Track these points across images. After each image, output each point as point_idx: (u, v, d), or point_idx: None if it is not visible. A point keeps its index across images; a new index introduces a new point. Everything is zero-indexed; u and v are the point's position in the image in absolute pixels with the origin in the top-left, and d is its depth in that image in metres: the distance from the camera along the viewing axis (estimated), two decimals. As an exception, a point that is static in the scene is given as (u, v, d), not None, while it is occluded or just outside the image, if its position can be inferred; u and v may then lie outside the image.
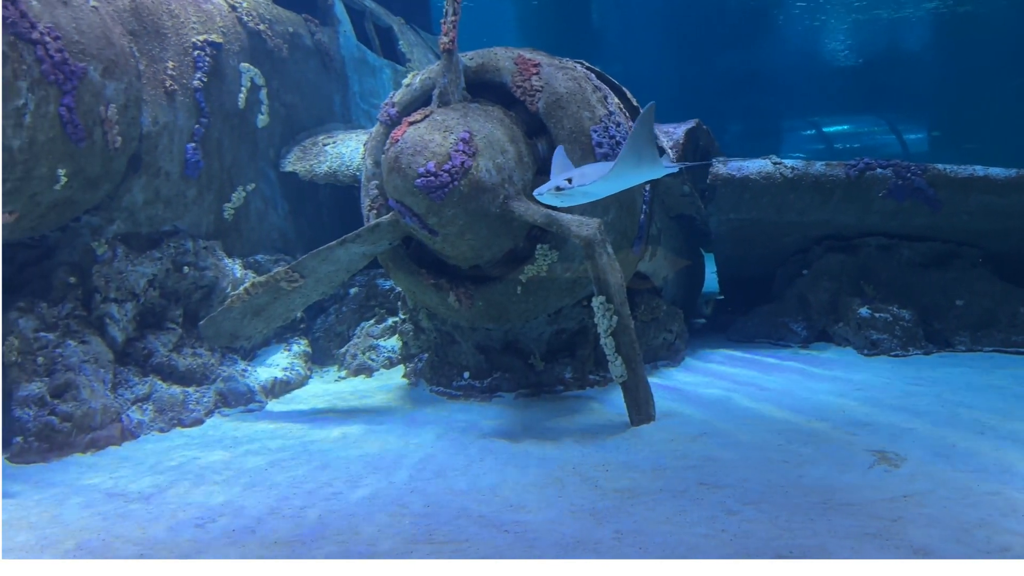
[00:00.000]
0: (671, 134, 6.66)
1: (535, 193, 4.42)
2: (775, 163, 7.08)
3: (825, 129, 34.01)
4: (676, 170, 5.06)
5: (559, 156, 4.76)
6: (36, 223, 5.21)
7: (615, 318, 5.18)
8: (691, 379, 6.42)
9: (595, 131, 5.44)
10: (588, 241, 5.12)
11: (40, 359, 5.13)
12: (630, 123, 5.97)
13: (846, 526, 3.56)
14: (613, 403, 5.67)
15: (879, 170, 6.95)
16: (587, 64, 6.10)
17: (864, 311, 7.18)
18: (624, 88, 6.18)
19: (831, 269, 7.49)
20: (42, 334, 5.20)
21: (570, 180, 4.27)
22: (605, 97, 5.75)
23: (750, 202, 7.10)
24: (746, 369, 6.70)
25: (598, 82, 5.89)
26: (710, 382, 6.31)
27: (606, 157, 5.46)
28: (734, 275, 8.45)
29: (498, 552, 3.44)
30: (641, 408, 5.20)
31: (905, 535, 3.42)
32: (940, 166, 6.90)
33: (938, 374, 6.34)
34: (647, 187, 6.08)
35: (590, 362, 6.27)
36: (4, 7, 4.60)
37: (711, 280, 9.05)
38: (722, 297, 9.02)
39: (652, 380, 5.46)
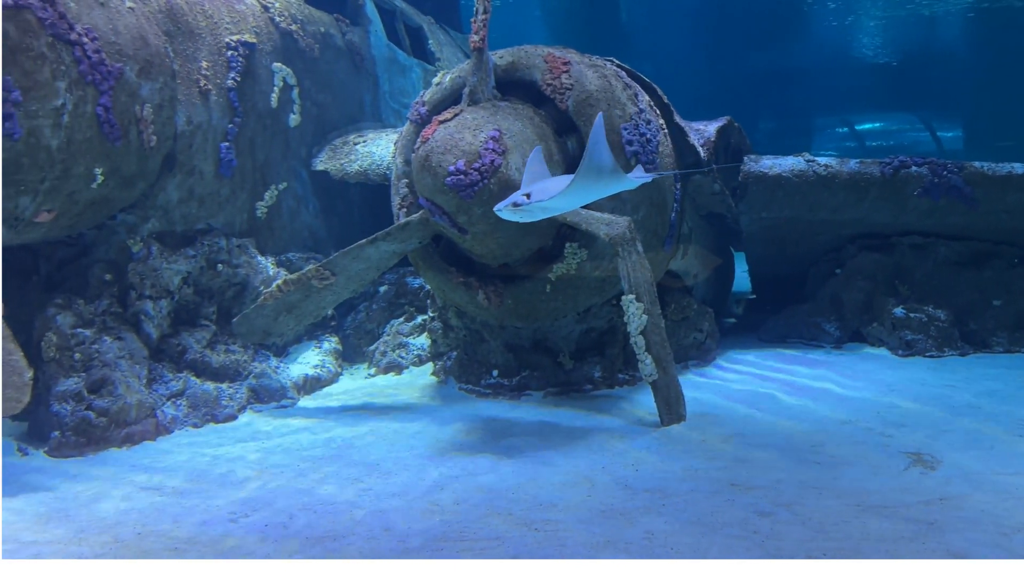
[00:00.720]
0: (702, 132, 6.61)
1: (495, 209, 4.39)
2: (808, 161, 6.99)
3: (857, 127, 33.62)
4: (650, 179, 5.00)
5: (533, 162, 4.72)
6: (74, 221, 5.30)
7: (645, 317, 5.15)
8: (722, 379, 6.37)
9: (625, 129, 5.42)
10: (617, 240, 5.10)
11: (77, 355, 5.22)
12: (661, 120, 5.94)
13: (881, 529, 3.52)
14: (643, 403, 5.65)
15: (914, 168, 6.84)
16: (617, 62, 6.07)
17: (899, 311, 7.07)
18: (655, 85, 6.15)
19: (865, 268, 7.38)
20: (79, 330, 5.29)
21: (528, 196, 4.23)
22: (635, 95, 5.72)
23: (783, 200, 7.02)
24: (778, 369, 6.63)
25: (628, 80, 5.86)
26: (742, 382, 6.25)
27: (636, 155, 5.45)
28: (765, 274, 8.37)
29: (529, 551, 3.44)
30: (672, 408, 5.17)
31: (942, 539, 3.37)
32: (977, 164, 6.78)
33: (974, 375, 6.23)
34: (678, 185, 6.04)
35: (619, 361, 6.25)
36: (43, 8, 4.67)
37: (740, 279, 8.97)
38: (754, 296, 8.94)
39: (682, 380, 5.42)
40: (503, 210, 4.30)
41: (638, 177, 4.88)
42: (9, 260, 5.66)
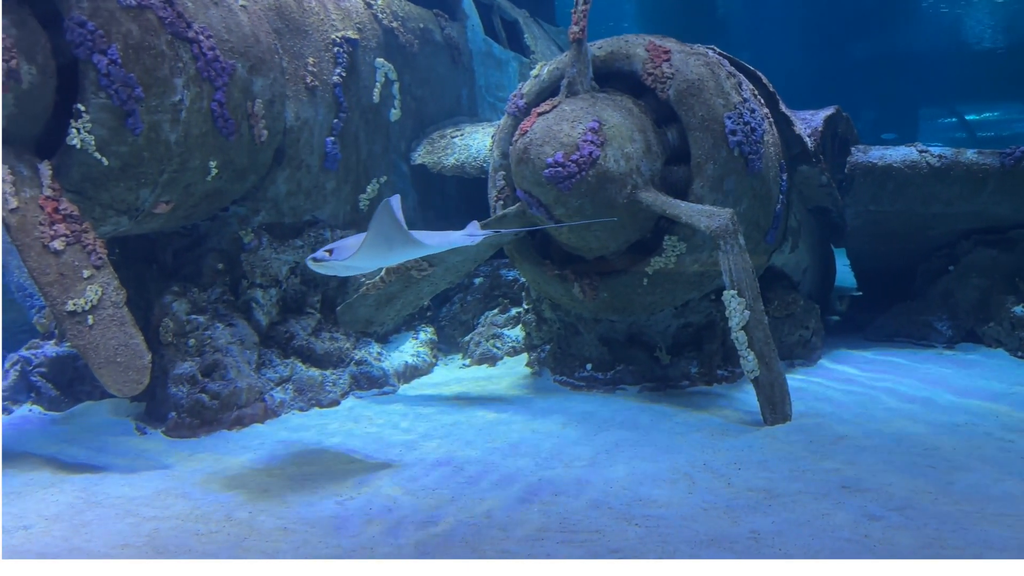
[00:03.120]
0: (808, 121, 6.40)
1: (305, 260, 4.40)
2: (921, 151, 6.69)
3: (967, 116, 31.97)
4: (478, 239, 4.81)
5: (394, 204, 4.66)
6: (189, 212, 5.55)
7: (747, 313, 5.03)
8: (829, 379, 6.14)
9: (729, 118, 5.29)
10: (719, 232, 4.99)
11: (192, 340, 5.47)
12: (766, 109, 5.77)
13: (1003, 538, 3.34)
14: (743, 401, 5.52)
15: (1038, 158, 6.45)
16: (719, 50, 5.93)
17: (1018, 310, 6.69)
18: (759, 73, 5.98)
19: (981, 265, 7.01)
20: (194, 316, 5.54)
21: (330, 252, 4.28)
22: (739, 83, 5.58)
23: (893, 193, 6.73)
24: (888, 369, 6.37)
25: (731, 68, 5.72)
26: (850, 382, 6.03)
27: (739, 145, 5.32)
28: (871, 270, 8.05)
29: (630, 545, 3.41)
30: (776, 407, 5.03)
31: (1075, 551, 3.17)
32: (1110, 154, 6.33)
33: (1105, 380, 5.84)
34: (784, 176, 5.86)
35: (718, 357, 6.12)
36: (163, 7, 4.89)
37: (840, 274, 8.66)
38: (859, 293, 8.61)
39: (787, 379, 5.24)
40: (309, 261, 4.36)
41: (473, 235, 4.74)
42: (130, 248, 5.99)
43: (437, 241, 4.68)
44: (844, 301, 8.83)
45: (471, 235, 4.77)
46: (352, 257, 4.20)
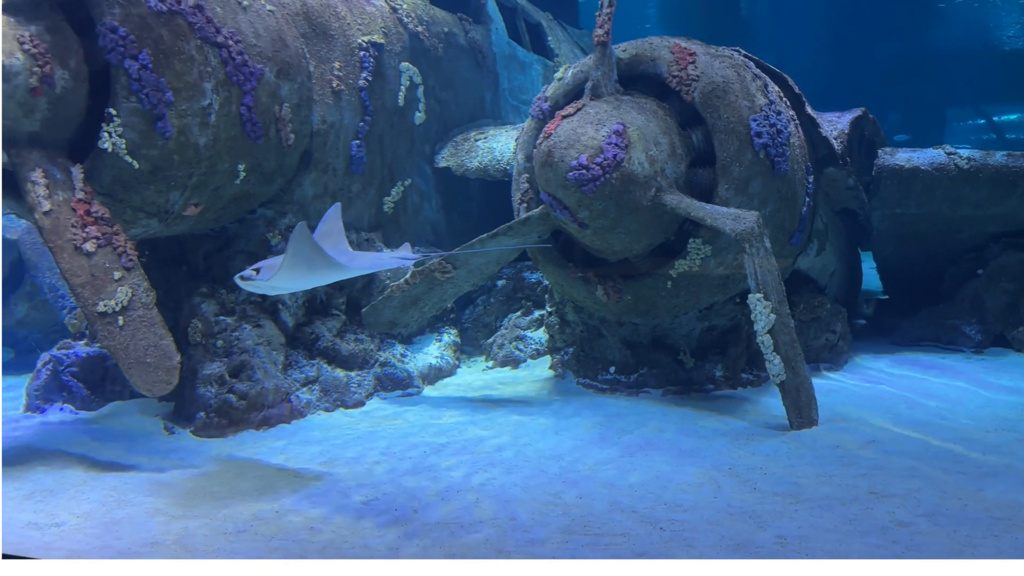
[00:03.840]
0: (835, 123, 6.36)
1: (235, 278, 4.42)
2: (949, 153, 6.63)
3: (996, 118, 31.48)
4: (411, 262, 4.85)
5: (329, 219, 4.65)
6: (218, 215, 5.61)
7: (773, 316, 5.00)
8: (856, 383, 6.10)
9: (755, 120, 5.27)
10: (744, 235, 4.97)
11: (220, 341, 5.53)
12: (792, 112, 5.74)
13: (1037, 546, 3.30)
14: (768, 405, 5.49)
15: (1070, 161, 6.38)
16: (744, 52, 5.91)
17: (1050, 315, 6.61)
18: (785, 75, 5.95)
19: (1011, 268, 6.94)
20: (222, 318, 5.60)
21: (258, 270, 4.28)
22: (765, 85, 5.55)
23: (920, 195, 6.68)
24: (915, 374, 6.31)
25: (757, 70, 5.70)
26: (876, 386, 5.98)
27: (765, 148, 5.30)
28: (896, 273, 7.99)
29: (655, 549, 3.40)
30: (802, 411, 5.00)
31: (1109, 560, 3.12)
32: None
33: None
34: (810, 178, 5.82)
35: (742, 360, 6.09)
36: (193, 13, 4.96)
37: (866, 277, 8.59)
38: (886, 297, 8.54)
39: (813, 383, 5.21)
40: (237, 279, 4.37)
41: (405, 257, 4.76)
42: (159, 250, 6.07)
43: (361, 263, 4.76)
44: (870, 304, 8.75)
45: (403, 258, 4.84)
46: (273, 278, 4.22)
